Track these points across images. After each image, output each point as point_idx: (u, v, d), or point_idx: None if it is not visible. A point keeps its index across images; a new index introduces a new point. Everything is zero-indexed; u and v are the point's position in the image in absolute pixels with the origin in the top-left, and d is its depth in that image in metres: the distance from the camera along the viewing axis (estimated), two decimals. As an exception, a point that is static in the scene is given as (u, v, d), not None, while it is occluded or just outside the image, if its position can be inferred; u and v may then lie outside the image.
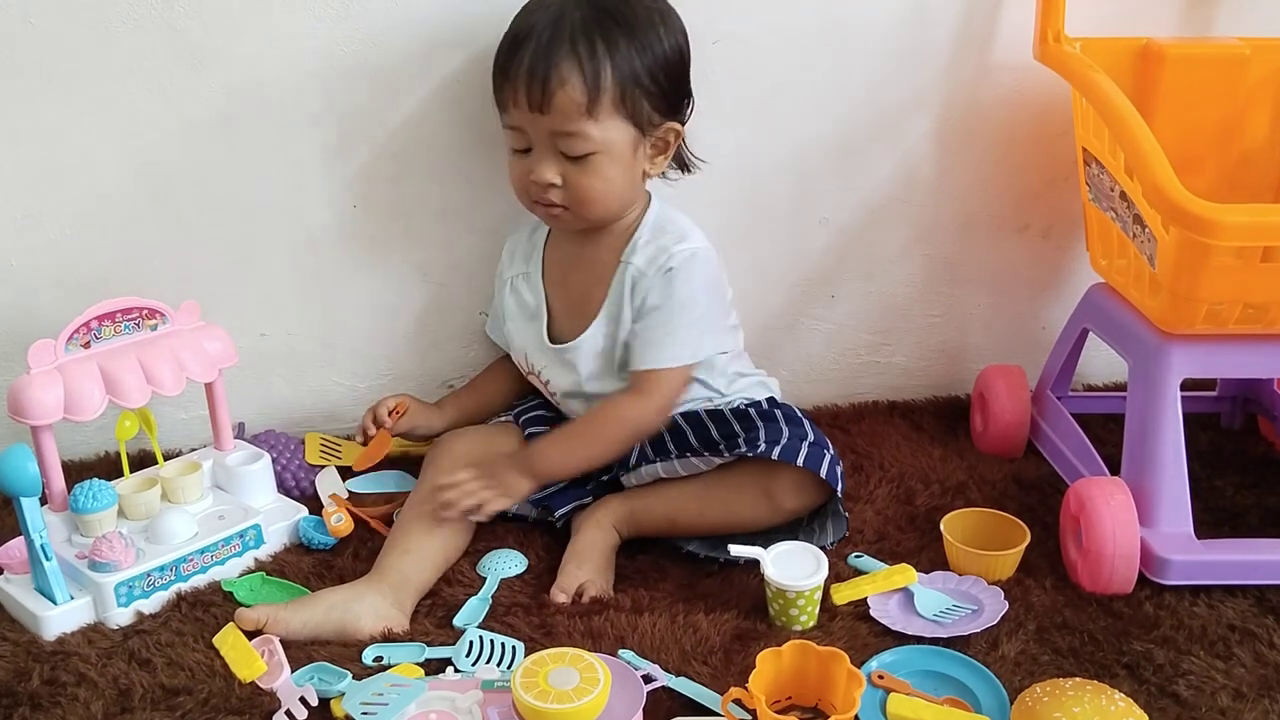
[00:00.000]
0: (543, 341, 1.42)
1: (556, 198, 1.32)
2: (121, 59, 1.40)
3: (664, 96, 1.31)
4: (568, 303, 1.41)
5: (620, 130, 1.29)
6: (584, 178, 1.30)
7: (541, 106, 1.26)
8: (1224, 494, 1.46)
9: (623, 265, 1.37)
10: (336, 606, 1.21)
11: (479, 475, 1.32)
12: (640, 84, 1.28)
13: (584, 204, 1.32)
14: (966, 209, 1.65)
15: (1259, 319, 1.29)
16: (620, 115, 1.28)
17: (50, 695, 1.12)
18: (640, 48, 1.28)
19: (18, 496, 1.17)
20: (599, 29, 1.26)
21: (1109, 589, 1.27)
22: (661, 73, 1.30)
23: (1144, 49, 1.47)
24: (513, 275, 1.46)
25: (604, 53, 1.26)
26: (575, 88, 1.25)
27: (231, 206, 1.49)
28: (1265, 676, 1.15)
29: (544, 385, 1.45)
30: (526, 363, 1.45)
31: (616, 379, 1.39)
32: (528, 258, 1.45)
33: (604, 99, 1.26)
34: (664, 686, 1.13)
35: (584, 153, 1.28)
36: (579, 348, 1.39)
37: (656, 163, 1.35)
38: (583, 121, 1.27)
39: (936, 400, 1.74)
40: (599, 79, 1.26)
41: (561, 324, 1.42)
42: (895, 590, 1.27)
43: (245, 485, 1.40)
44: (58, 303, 1.44)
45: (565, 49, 1.25)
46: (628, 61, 1.27)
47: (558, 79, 1.25)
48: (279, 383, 1.61)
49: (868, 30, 1.53)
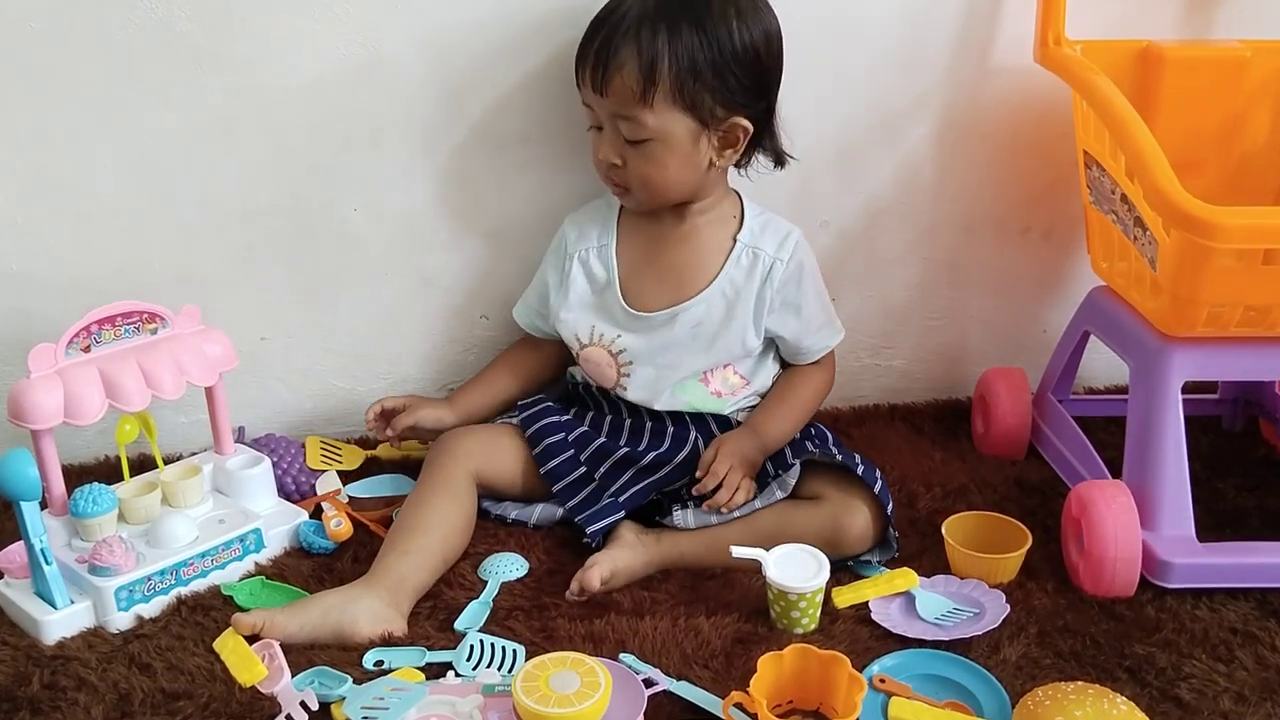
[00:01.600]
0: (621, 309, 1.43)
1: (617, 178, 1.37)
2: (121, 63, 1.40)
3: (731, 91, 1.32)
4: (655, 275, 1.44)
5: (677, 121, 1.32)
6: (641, 164, 1.34)
7: (602, 89, 1.31)
8: (1225, 496, 1.46)
9: (739, 246, 1.42)
10: (333, 609, 1.21)
11: (734, 466, 1.34)
12: (700, 77, 1.30)
13: (643, 187, 1.37)
14: (967, 212, 1.65)
15: (1260, 321, 1.29)
16: (678, 106, 1.31)
17: (50, 700, 1.12)
18: (707, 40, 1.29)
19: (18, 501, 1.17)
20: (665, 17, 1.29)
21: (1111, 592, 1.27)
22: (729, 67, 1.31)
23: (1144, 51, 1.47)
24: (582, 249, 1.46)
25: (664, 43, 1.28)
26: (630, 74, 1.29)
27: (232, 209, 1.49)
28: (1267, 679, 1.15)
29: (612, 356, 1.45)
30: (591, 334, 1.45)
31: (703, 351, 1.43)
32: (600, 232, 1.46)
33: (659, 88, 1.29)
34: (665, 690, 1.12)
35: (641, 138, 1.32)
36: (676, 315, 1.42)
37: (725, 155, 1.37)
38: (638, 108, 1.30)
39: (937, 403, 1.74)
40: (654, 68, 1.28)
41: (642, 295, 1.44)
42: (897, 594, 1.27)
43: (245, 489, 1.40)
44: (58, 307, 1.43)
45: (629, 35, 1.29)
46: (689, 53, 1.29)
47: (616, 64, 1.29)
48: (279, 386, 1.61)
49: (868, 33, 1.53)
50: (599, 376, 1.47)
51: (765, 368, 1.47)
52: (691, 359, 1.43)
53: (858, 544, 1.32)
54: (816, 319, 1.46)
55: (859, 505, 1.32)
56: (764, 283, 1.42)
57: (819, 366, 1.49)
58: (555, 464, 1.41)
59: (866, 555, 1.34)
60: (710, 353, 1.43)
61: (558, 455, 1.42)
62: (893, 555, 1.35)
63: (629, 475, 1.40)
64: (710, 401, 1.44)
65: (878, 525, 1.33)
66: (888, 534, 1.34)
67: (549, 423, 1.44)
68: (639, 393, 1.44)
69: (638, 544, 1.32)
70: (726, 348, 1.43)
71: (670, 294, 1.43)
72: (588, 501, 1.39)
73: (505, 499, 1.44)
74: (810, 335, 1.46)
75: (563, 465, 1.41)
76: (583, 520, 1.36)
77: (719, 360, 1.43)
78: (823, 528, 1.31)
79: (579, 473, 1.41)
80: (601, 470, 1.41)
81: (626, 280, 1.44)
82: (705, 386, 1.44)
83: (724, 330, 1.42)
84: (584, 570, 1.27)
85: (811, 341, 1.46)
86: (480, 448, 1.42)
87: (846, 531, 1.31)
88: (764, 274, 1.42)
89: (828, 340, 1.48)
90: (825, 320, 1.47)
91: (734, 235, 1.43)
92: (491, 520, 1.42)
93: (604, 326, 1.45)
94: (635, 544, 1.32)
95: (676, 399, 1.44)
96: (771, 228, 1.44)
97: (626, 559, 1.30)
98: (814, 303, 1.45)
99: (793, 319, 1.44)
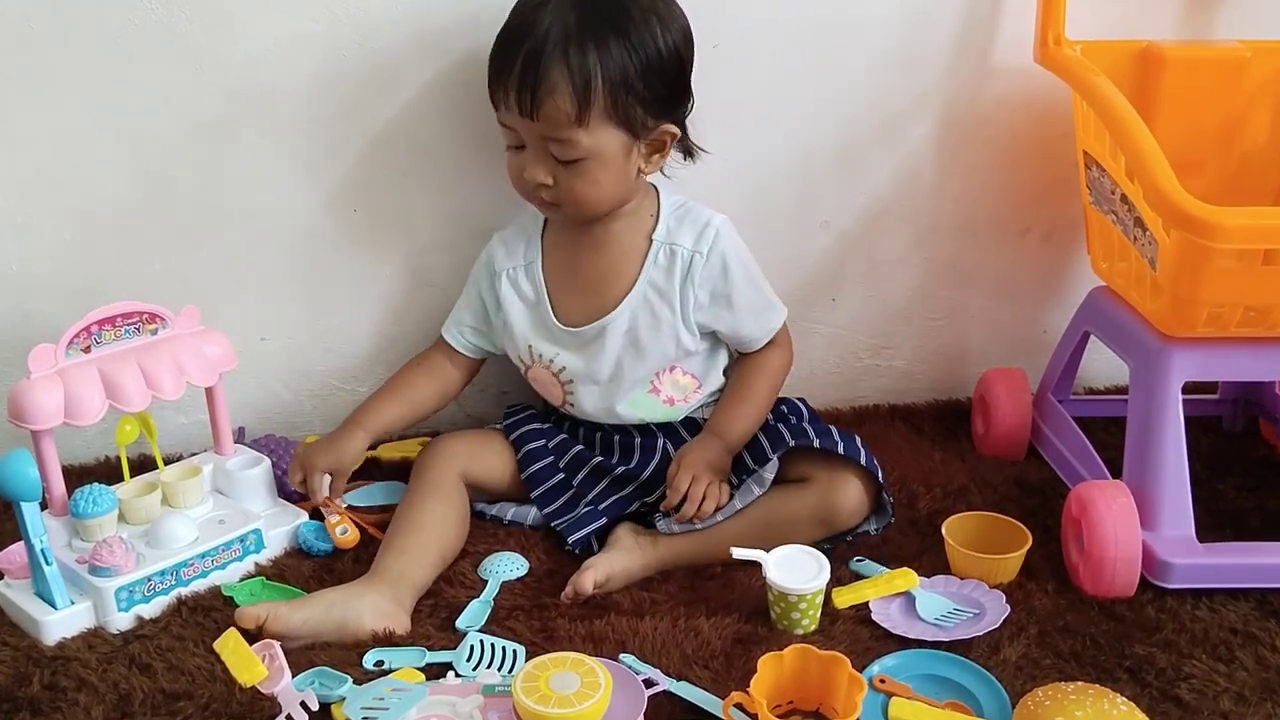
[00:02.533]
0: (553, 327, 1.40)
1: (548, 196, 1.32)
2: (121, 63, 1.40)
3: (658, 99, 1.29)
4: (579, 287, 1.40)
5: (611, 136, 1.27)
6: (575, 182, 1.29)
7: (531, 113, 1.25)
8: (1225, 497, 1.46)
9: (655, 245, 1.37)
10: (337, 604, 1.21)
11: (697, 476, 1.33)
12: (633, 90, 1.26)
13: (576, 204, 1.32)
14: (967, 212, 1.65)
15: (1260, 322, 1.28)
16: (611, 122, 1.26)
17: (50, 700, 1.12)
18: (634, 51, 1.25)
19: (18, 501, 1.17)
20: (591, 34, 1.23)
21: (1111, 592, 1.27)
22: (656, 75, 1.27)
23: (1144, 52, 1.47)
24: (510, 268, 1.43)
25: (595, 60, 1.23)
26: (564, 97, 1.23)
27: (232, 210, 1.49)
28: (1267, 680, 1.15)
29: (554, 375, 1.42)
30: (530, 355, 1.43)
31: (637, 359, 1.39)
32: (525, 249, 1.43)
33: (594, 108, 1.24)
34: (665, 691, 1.12)
35: (574, 158, 1.27)
36: (604, 328, 1.38)
37: (653, 161, 1.34)
38: (572, 130, 1.25)
39: (937, 404, 1.74)
40: (589, 88, 1.23)
41: (570, 309, 1.40)
42: (897, 594, 1.27)
43: (245, 490, 1.40)
44: (58, 307, 1.44)
45: (556, 55, 1.23)
46: (620, 68, 1.24)
47: (547, 87, 1.23)
48: (279, 387, 1.61)
49: (868, 33, 1.53)
50: (548, 395, 1.46)
51: (716, 362, 1.44)
52: (630, 369, 1.40)
53: (852, 518, 1.33)
54: (752, 305, 1.40)
55: (848, 478, 1.32)
56: (685, 279, 1.37)
57: (772, 347, 1.43)
58: (535, 469, 1.42)
59: (864, 526, 1.35)
60: (645, 359, 1.39)
61: (537, 461, 1.42)
62: (889, 520, 1.35)
63: (605, 484, 1.41)
64: (664, 411, 1.42)
65: (870, 495, 1.33)
66: (881, 499, 1.35)
67: (531, 429, 1.45)
68: (588, 408, 1.43)
69: (635, 547, 1.33)
70: (661, 351, 1.39)
71: (593, 305, 1.39)
72: (566, 508, 1.40)
73: (497, 500, 1.44)
74: (749, 324, 1.40)
75: (542, 471, 1.42)
76: (562, 527, 1.37)
77: (658, 365, 1.40)
78: (816, 508, 1.31)
79: (557, 479, 1.42)
80: (579, 478, 1.42)
81: (554, 294, 1.41)
82: (656, 396, 1.41)
83: (654, 334, 1.38)
84: (578, 574, 1.27)
85: (752, 329, 1.41)
86: (468, 449, 1.42)
87: (839, 507, 1.31)
88: (684, 270, 1.36)
89: (770, 322, 1.42)
90: (763, 304, 1.41)
91: (649, 234, 1.38)
92: (488, 520, 1.43)
93: (541, 345, 1.42)
94: (633, 547, 1.32)
95: (631, 413, 1.42)
96: (689, 219, 1.38)
97: (624, 562, 1.30)
98: (746, 290, 1.39)
99: (725, 311, 1.39)
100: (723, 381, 1.45)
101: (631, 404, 1.42)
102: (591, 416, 1.44)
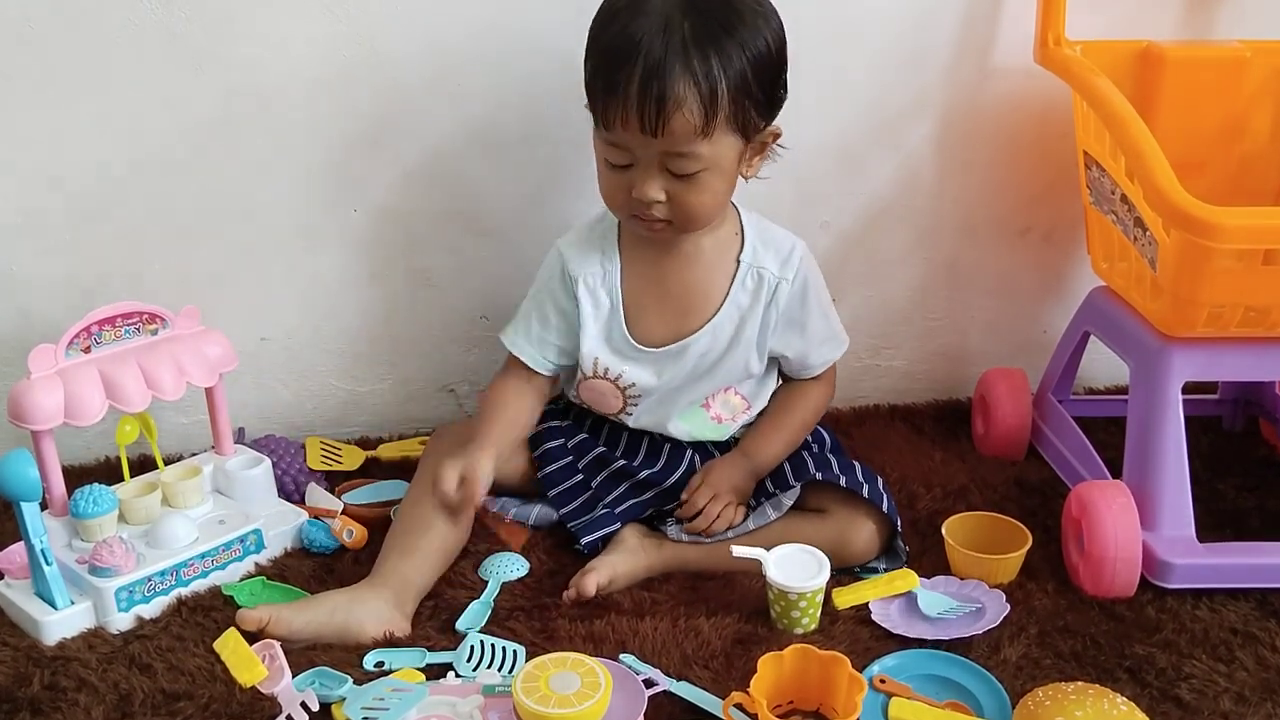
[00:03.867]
0: (626, 343, 1.36)
1: (661, 213, 1.25)
2: (121, 63, 1.40)
3: (769, 99, 1.26)
4: (663, 304, 1.35)
5: (729, 143, 1.23)
6: (691, 194, 1.24)
7: (656, 130, 1.18)
8: (1225, 497, 1.46)
9: (743, 267, 1.34)
10: (339, 608, 1.21)
11: (718, 495, 1.33)
12: (749, 93, 1.22)
13: (689, 219, 1.27)
14: (967, 212, 1.65)
15: (1260, 322, 1.28)
16: (731, 129, 1.22)
17: (51, 700, 1.12)
18: (750, 54, 1.21)
19: (18, 501, 1.17)
20: (710, 41, 1.18)
21: (1111, 592, 1.27)
22: (767, 74, 1.23)
23: (1144, 52, 1.47)
24: (586, 274, 1.35)
25: (719, 68, 1.18)
26: (693, 110, 1.18)
27: (232, 211, 1.49)
28: (1267, 680, 1.15)
29: (619, 390, 1.38)
30: (595, 367, 1.37)
31: (705, 377, 1.37)
32: (602, 259, 1.36)
33: (720, 117, 1.20)
34: (665, 691, 1.12)
35: (693, 171, 1.22)
36: (686, 348, 1.35)
37: (754, 165, 1.30)
38: (697, 142, 1.20)
39: (938, 404, 1.74)
40: (716, 99, 1.18)
41: (648, 326, 1.36)
42: (897, 594, 1.27)
43: (246, 490, 1.40)
44: (58, 307, 1.44)
45: (679, 67, 1.17)
46: (739, 71, 1.20)
47: (674, 102, 1.17)
48: (279, 387, 1.61)
49: (868, 34, 1.53)
50: (601, 405, 1.41)
51: (766, 387, 1.42)
52: (694, 386, 1.38)
53: (862, 556, 1.32)
54: (820, 334, 1.39)
55: (863, 520, 1.31)
56: (769, 305, 1.35)
57: (819, 381, 1.43)
58: (552, 469, 1.41)
59: (872, 563, 1.34)
60: (712, 378, 1.38)
61: (555, 461, 1.41)
62: (900, 565, 1.33)
63: (625, 488, 1.40)
64: (712, 429, 1.41)
65: (882, 537, 1.33)
66: (894, 545, 1.34)
67: (549, 426, 1.44)
68: (642, 422, 1.41)
69: (639, 549, 1.32)
70: (729, 372, 1.37)
71: (675, 324, 1.35)
72: (582, 509, 1.39)
73: (501, 495, 1.43)
74: (814, 351, 1.40)
75: (559, 472, 1.41)
76: (577, 529, 1.36)
77: (720, 385, 1.39)
78: (826, 540, 1.29)
79: (575, 480, 1.41)
80: (598, 480, 1.40)
81: (632, 310, 1.35)
82: (707, 412, 1.40)
83: (728, 355, 1.36)
84: (580, 575, 1.27)
85: (815, 357, 1.41)
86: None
87: (850, 545, 1.31)
88: (769, 296, 1.35)
89: (831, 354, 1.42)
90: (830, 334, 1.41)
91: (737, 255, 1.35)
92: (491, 515, 1.42)
93: (608, 359, 1.36)
94: (637, 549, 1.32)
95: (679, 428, 1.41)
96: (774, 243, 1.36)
97: (627, 564, 1.30)
98: (819, 318, 1.38)
99: (797, 337, 1.38)
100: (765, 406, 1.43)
101: (682, 418, 1.40)
102: (640, 427, 1.42)
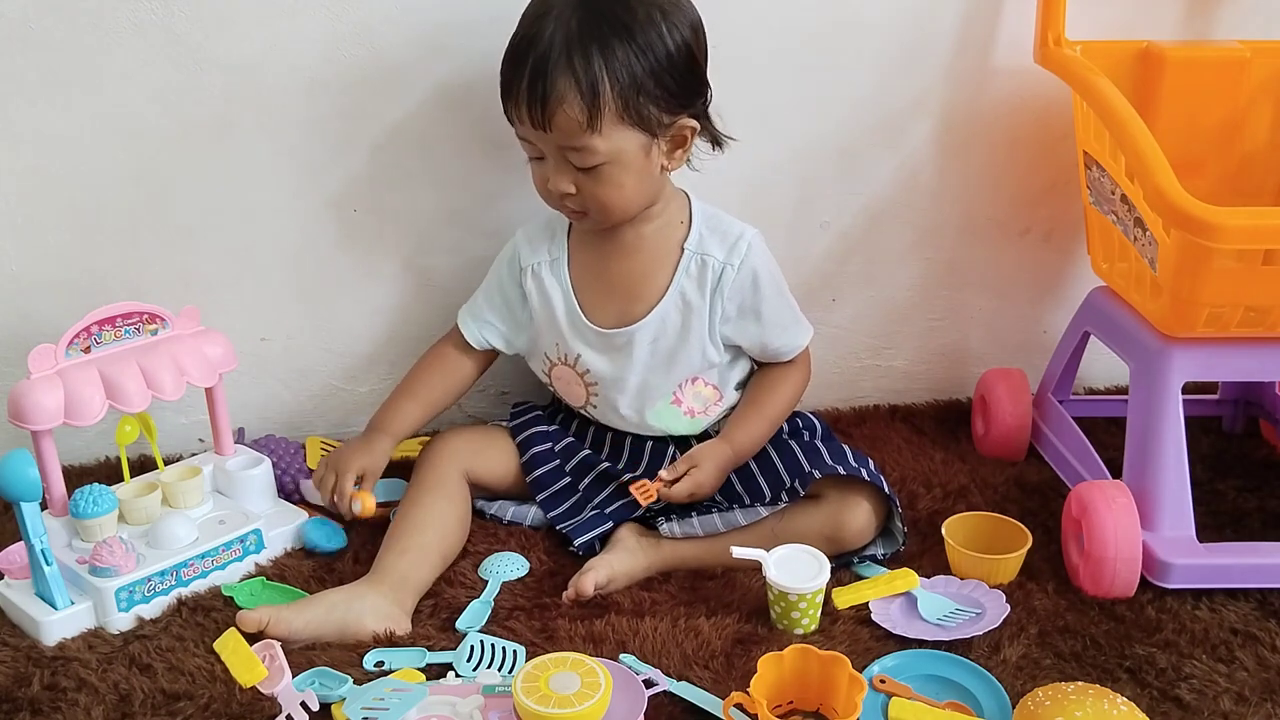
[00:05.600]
0: (581, 325, 1.39)
1: (574, 204, 1.30)
2: (121, 64, 1.40)
3: (672, 95, 1.27)
4: (608, 291, 1.38)
5: (628, 138, 1.26)
6: (597, 187, 1.28)
7: (544, 125, 1.24)
8: (1226, 497, 1.46)
9: (687, 254, 1.36)
10: (338, 606, 1.21)
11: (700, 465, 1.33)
12: (643, 89, 1.24)
13: (602, 210, 1.30)
14: (967, 212, 1.65)
15: (1260, 322, 1.29)
16: (625, 124, 1.25)
17: (51, 700, 1.12)
18: (640, 51, 1.23)
19: (18, 501, 1.17)
20: (595, 39, 1.22)
21: (1111, 593, 1.27)
22: (666, 72, 1.25)
23: (1144, 52, 1.47)
24: (534, 263, 1.40)
25: (600, 65, 1.22)
26: (573, 106, 1.22)
27: (232, 211, 1.49)
28: (1267, 680, 1.15)
29: (579, 376, 1.41)
30: (557, 351, 1.41)
31: (663, 367, 1.38)
32: (550, 245, 1.41)
33: (605, 113, 1.23)
34: (665, 691, 1.12)
35: (593, 164, 1.26)
36: (632, 335, 1.37)
37: (675, 157, 1.32)
38: (586, 137, 1.24)
39: (938, 404, 1.74)
40: (597, 95, 1.22)
41: (598, 311, 1.39)
42: (897, 594, 1.27)
43: (246, 490, 1.40)
44: (58, 308, 1.44)
45: (561, 65, 1.21)
46: (627, 69, 1.22)
47: (555, 98, 1.22)
48: (279, 387, 1.61)
49: (868, 34, 1.53)
50: (569, 395, 1.45)
51: (735, 374, 1.42)
52: (655, 379, 1.39)
53: (858, 539, 1.32)
54: (778, 320, 1.39)
55: (859, 501, 1.32)
56: (715, 291, 1.35)
57: (794, 365, 1.42)
58: (540, 473, 1.42)
59: (870, 549, 1.34)
60: (672, 368, 1.38)
61: (543, 465, 1.42)
62: (898, 549, 1.34)
63: (613, 489, 1.40)
64: (686, 423, 1.42)
65: (878, 519, 1.33)
66: (891, 526, 1.35)
67: (536, 431, 1.45)
68: (610, 415, 1.42)
69: (637, 549, 1.32)
70: (687, 362, 1.38)
71: (622, 310, 1.38)
72: (571, 512, 1.39)
73: (498, 497, 1.44)
74: (777, 338, 1.39)
75: (547, 475, 1.42)
76: (568, 530, 1.37)
77: (682, 375, 1.39)
78: (823, 525, 1.31)
79: (563, 483, 1.42)
80: (585, 482, 1.41)
81: (581, 294, 1.39)
82: (678, 408, 1.41)
83: (681, 345, 1.37)
84: (579, 575, 1.27)
85: (780, 344, 1.40)
86: (470, 446, 1.42)
87: (846, 527, 1.31)
88: (714, 282, 1.35)
89: (797, 339, 1.41)
90: (791, 319, 1.40)
91: (681, 242, 1.37)
92: (489, 519, 1.42)
93: (566, 344, 1.40)
94: (635, 549, 1.32)
95: (652, 426, 1.41)
96: (721, 230, 1.37)
97: (626, 564, 1.30)
98: (775, 304, 1.38)
99: (752, 324, 1.38)
100: (738, 395, 1.44)
101: (655, 415, 1.41)
102: (612, 423, 1.43)
